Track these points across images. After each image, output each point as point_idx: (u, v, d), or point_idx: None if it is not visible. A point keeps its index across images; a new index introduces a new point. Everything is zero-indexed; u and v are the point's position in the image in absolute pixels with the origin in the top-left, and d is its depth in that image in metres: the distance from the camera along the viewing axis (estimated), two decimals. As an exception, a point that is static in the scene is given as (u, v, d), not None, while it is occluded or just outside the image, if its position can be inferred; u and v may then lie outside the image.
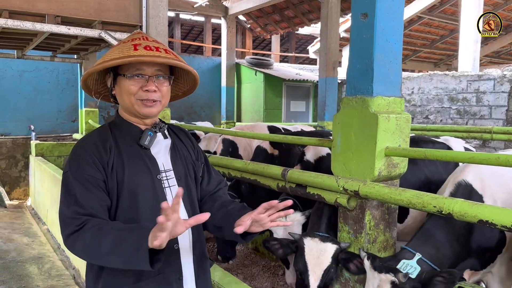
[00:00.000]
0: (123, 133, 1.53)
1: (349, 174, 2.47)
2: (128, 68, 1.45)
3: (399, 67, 2.52)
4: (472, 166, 2.44)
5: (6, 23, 4.05)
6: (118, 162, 1.45)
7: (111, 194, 1.42)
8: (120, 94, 1.49)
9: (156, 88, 1.46)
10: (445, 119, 8.08)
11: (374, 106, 2.35)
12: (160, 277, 1.44)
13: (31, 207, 7.38)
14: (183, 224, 1.20)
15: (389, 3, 2.41)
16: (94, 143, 1.46)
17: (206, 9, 10.85)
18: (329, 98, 8.10)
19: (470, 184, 2.38)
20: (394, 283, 2.07)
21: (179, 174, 1.55)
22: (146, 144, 1.50)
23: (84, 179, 1.39)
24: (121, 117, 1.56)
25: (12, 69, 8.56)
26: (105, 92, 1.63)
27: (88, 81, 1.57)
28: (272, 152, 4.04)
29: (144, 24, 4.58)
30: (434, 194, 2.05)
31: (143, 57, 1.40)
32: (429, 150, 2.23)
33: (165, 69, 1.51)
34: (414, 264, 2.10)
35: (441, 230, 2.26)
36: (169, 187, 1.51)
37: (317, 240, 2.54)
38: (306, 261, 2.52)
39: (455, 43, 14.37)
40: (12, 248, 5.01)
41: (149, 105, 1.47)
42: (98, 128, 1.59)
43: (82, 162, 1.41)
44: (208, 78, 11.87)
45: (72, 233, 1.32)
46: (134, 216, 1.43)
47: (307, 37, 19.60)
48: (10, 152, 8.43)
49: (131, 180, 1.44)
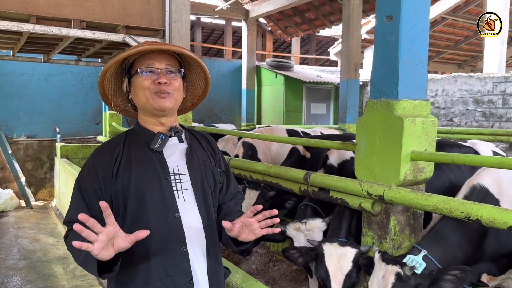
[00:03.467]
0: (138, 138, 1.58)
1: (373, 178, 2.44)
2: (140, 66, 1.52)
3: (424, 70, 2.47)
4: (489, 170, 2.37)
5: (34, 29, 4.15)
6: (125, 166, 1.50)
7: (116, 198, 1.49)
8: (135, 93, 1.55)
9: (167, 80, 1.51)
10: (470, 121, 7.91)
11: (400, 109, 2.32)
12: (167, 280, 1.45)
13: (56, 208, 7.54)
14: (125, 238, 1.28)
15: (414, 5, 2.37)
16: (103, 152, 1.55)
17: (227, 12, 10.90)
18: (350, 101, 8.02)
19: (486, 188, 2.32)
20: (399, 275, 2.07)
21: (195, 178, 1.56)
22: (156, 147, 1.53)
23: (84, 188, 1.50)
24: (139, 124, 1.62)
25: (39, 73, 8.76)
26: (124, 105, 1.69)
27: (106, 89, 1.63)
28: (304, 154, 4.03)
29: (167, 28, 4.63)
30: (461, 200, 2.01)
31: (149, 45, 1.49)
32: (457, 155, 2.18)
33: (175, 64, 1.57)
34: (420, 260, 2.10)
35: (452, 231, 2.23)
36: (181, 190, 1.53)
37: (336, 245, 2.52)
38: (327, 266, 2.49)
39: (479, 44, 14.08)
40: (38, 248, 5.12)
41: (162, 97, 1.51)
42: (115, 135, 1.66)
43: (86, 171, 1.53)
44: (229, 81, 11.91)
45: (65, 237, 1.51)
46: (142, 217, 1.47)
47: (327, 39, 19.48)
48: (36, 154, 8.63)
49: (139, 183, 1.48)
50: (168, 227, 1.47)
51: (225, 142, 5.56)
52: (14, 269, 4.40)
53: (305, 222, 2.91)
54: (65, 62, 7.45)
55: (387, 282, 2.10)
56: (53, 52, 6.49)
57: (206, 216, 1.55)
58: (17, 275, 4.24)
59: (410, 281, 2.05)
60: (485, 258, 2.27)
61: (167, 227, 1.47)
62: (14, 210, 7.20)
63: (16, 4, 4.01)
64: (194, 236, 1.50)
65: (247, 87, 11.22)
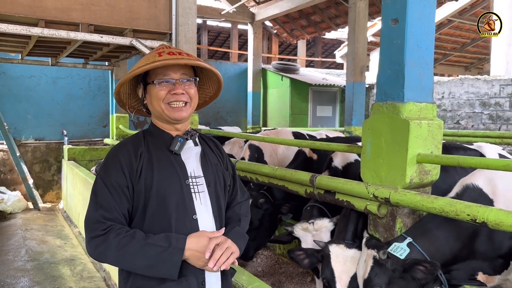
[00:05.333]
0: (156, 140, 1.60)
1: (379, 181, 2.44)
2: (155, 76, 1.54)
3: (430, 72, 2.48)
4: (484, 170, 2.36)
5: (42, 32, 4.20)
6: (148, 166, 1.51)
7: (137, 198, 1.49)
8: (150, 102, 1.58)
9: (183, 91, 1.54)
10: (476, 124, 7.87)
11: (406, 112, 2.32)
12: (182, 280, 1.47)
13: (63, 210, 7.59)
14: None
15: (420, 8, 2.38)
16: (126, 150, 1.54)
17: (233, 15, 10.94)
18: (356, 103, 8.01)
19: (479, 188, 2.32)
20: (376, 259, 2.14)
21: (209, 180, 1.60)
22: (176, 149, 1.56)
23: (111, 184, 1.47)
24: (155, 125, 1.64)
25: (47, 76, 8.83)
26: (138, 106, 1.72)
27: (121, 94, 1.66)
28: (311, 156, 4.04)
29: (174, 31, 4.66)
30: (467, 202, 2.00)
31: (167, 60, 1.49)
32: (463, 157, 2.18)
33: (189, 73, 1.59)
34: (404, 247, 2.14)
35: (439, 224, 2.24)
36: (198, 192, 1.56)
37: (343, 246, 2.52)
38: (333, 268, 2.50)
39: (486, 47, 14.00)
40: (45, 249, 5.16)
41: (179, 109, 1.54)
42: (133, 135, 1.67)
43: (111, 167, 1.51)
44: (235, 84, 11.94)
45: (97, 237, 1.42)
46: (163, 218, 1.49)
47: (333, 42, 19.48)
48: (43, 156, 8.70)
49: (160, 184, 1.50)
50: (185, 229, 1.50)
51: (231, 145, 5.58)
52: (22, 270, 4.44)
53: (312, 222, 2.91)
54: (72, 65, 7.52)
55: (367, 265, 2.19)
56: (61, 56, 6.55)
57: (218, 217, 1.60)
58: (25, 276, 4.28)
59: (387, 264, 2.11)
60: (476, 256, 2.27)
61: (184, 229, 1.50)
62: (22, 212, 7.26)
63: (25, 8, 4.06)
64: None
65: (253, 90, 11.24)
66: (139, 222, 1.50)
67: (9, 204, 7.12)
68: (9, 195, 7.33)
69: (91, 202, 1.50)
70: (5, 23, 4.07)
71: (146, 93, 1.59)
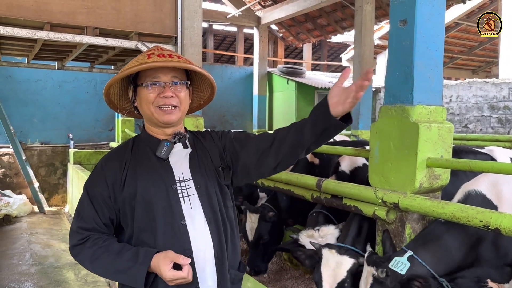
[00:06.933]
0: (144, 146, 1.59)
1: (388, 185, 2.39)
2: (145, 78, 1.51)
3: (440, 74, 2.43)
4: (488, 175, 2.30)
5: (48, 36, 4.19)
6: (132, 175, 1.52)
7: (123, 206, 1.50)
8: (140, 104, 1.55)
9: (173, 93, 1.50)
10: (485, 128, 7.78)
11: (415, 115, 2.27)
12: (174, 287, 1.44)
13: (69, 214, 7.59)
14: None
15: (429, 9, 2.33)
16: (111, 160, 1.57)
17: (239, 19, 10.93)
18: (363, 106, 7.95)
19: (482, 194, 2.26)
20: (375, 277, 2.11)
21: (198, 183, 1.55)
22: (162, 154, 1.54)
23: (93, 195, 1.52)
24: (145, 131, 1.63)
25: (53, 79, 8.85)
26: (130, 108, 1.69)
27: (111, 96, 1.64)
28: (313, 161, 3.98)
29: (179, 35, 4.64)
30: (480, 208, 1.95)
31: (156, 62, 1.45)
32: (474, 161, 2.12)
33: (181, 75, 1.55)
34: (405, 261, 2.10)
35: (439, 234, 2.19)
36: (187, 196, 1.52)
37: (334, 251, 2.50)
38: (321, 271, 2.49)
39: (494, 50, 13.89)
40: (50, 253, 5.14)
41: (168, 112, 1.51)
42: (123, 142, 1.68)
43: (95, 178, 1.55)
44: (240, 87, 11.92)
45: (75, 245, 1.52)
46: (150, 225, 1.48)
47: (339, 45, 19.42)
48: (49, 160, 8.71)
49: (145, 191, 1.49)
50: (174, 234, 1.47)
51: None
52: (27, 274, 4.42)
53: (318, 229, 2.88)
54: (78, 69, 7.51)
55: (367, 282, 2.16)
56: (67, 59, 6.55)
57: (213, 219, 1.54)
58: (29, 280, 4.25)
59: (386, 282, 2.07)
60: (482, 263, 2.22)
61: (173, 234, 1.47)
62: (27, 216, 7.26)
63: (31, 12, 4.05)
64: (201, 242, 1.49)
65: (259, 93, 11.20)
66: (129, 229, 1.51)
67: (15, 207, 7.12)
68: (14, 199, 7.34)
69: (75, 212, 1.56)
70: (11, 26, 4.07)
71: (136, 95, 1.56)
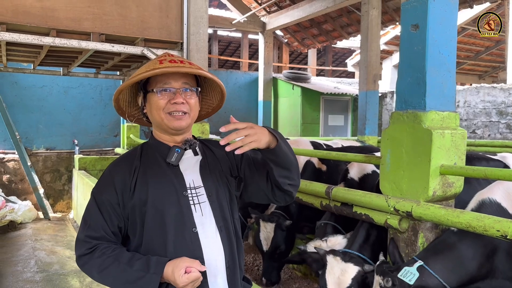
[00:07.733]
0: (154, 152, 1.56)
1: (400, 193, 2.33)
2: (156, 84, 1.49)
3: (453, 80, 2.38)
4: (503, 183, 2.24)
5: (54, 42, 4.18)
6: (142, 181, 1.48)
7: (133, 214, 1.47)
8: (150, 110, 1.53)
9: (183, 100, 1.48)
10: (493, 133, 7.69)
11: (428, 121, 2.22)
12: None
13: (74, 220, 7.56)
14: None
15: (441, 13, 2.28)
16: (120, 167, 1.53)
17: (244, 25, 10.92)
18: (369, 112, 7.89)
19: (497, 203, 2.20)
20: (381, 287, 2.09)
21: (210, 190, 1.53)
22: (172, 161, 1.51)
23: (102, 202, 1.47)
24: (154, 137, 1.60)
25: (58, 85, 8.86)
26: (138, 115, 1.67)
27: (121, 102, 1.61)
28: (320, 167, 3.93)
29: (185, 41, 4.62)
30: (497, 217, 1.89)
31: (168, 68, 1.43)
32: (490, 169, 2.07)
33: (191, 82, 1.53)
34: (414, 271, 2.06)
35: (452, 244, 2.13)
36: (198, 203, 1.50)
37: (339, 258, 2.47)
38: (326, 279, 2.46)
39: (501, 55, 13.82)
40: (55, 260, 5.10)
41: (178, 118, 1.49)
42: (131, 149, 1.64)
43: (103, 185, 1.50)
44: (245, 93, 11.90)
45: (83, 255, 1.45)
46: (161, 232, 1.45)
47: (344, 51, 19.39)
48: (54, 166, 8.70)
49: (156, 198, 1.46)
50: (185, 242, 1.44)
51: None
52: (31, 282, 4.38)
53: (326, 240, 2.84)
54: (84, 75, 7.52)
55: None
56: (73, 65, 6.55)
57: (224, 228, 1.51)
58: (33, 288, 4.21)
59: None
60: (497, 274, 2.15)
61: (184, 242, 1.44)
62: (32, 222, 7.23)
63: (37, 18, 4.04)
64: (212, 250, 1.47)
65: (264, 99, 11.17)
66: (139, 237, 1.48)
67: (20, 213, 7.09)
68: (19, 205, 7.32)
69: (82, 220, 1.50)
70: (17, 32, 4.06)
71: (146, 102, 1.54)
